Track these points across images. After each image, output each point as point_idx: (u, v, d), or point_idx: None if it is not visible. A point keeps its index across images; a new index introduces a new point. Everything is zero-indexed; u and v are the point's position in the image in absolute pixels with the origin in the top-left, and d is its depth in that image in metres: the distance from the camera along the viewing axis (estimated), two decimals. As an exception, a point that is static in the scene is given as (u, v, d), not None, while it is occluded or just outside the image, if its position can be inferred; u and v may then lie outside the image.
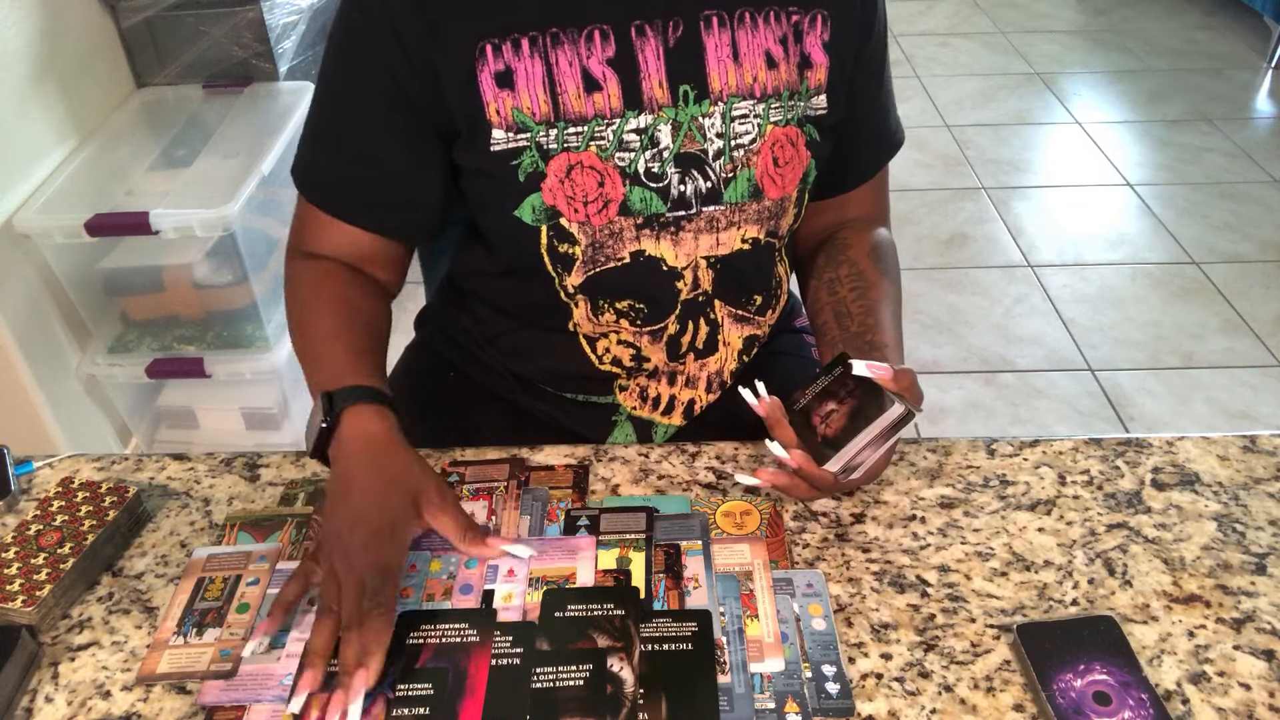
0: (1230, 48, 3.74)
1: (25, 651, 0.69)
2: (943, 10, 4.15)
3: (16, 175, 1.64)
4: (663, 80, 0.83)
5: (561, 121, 0.83)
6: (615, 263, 0.88)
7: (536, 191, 0.84)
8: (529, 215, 0.85)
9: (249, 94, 1.95)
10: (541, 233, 0.86)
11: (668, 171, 0.85)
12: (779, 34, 0.85)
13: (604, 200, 0.84)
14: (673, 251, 0.88)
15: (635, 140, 0.84)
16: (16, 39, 1.64)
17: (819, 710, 0.65)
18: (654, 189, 0.85)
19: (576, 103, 0.83)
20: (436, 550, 0.77)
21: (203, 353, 1.79)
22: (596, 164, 0.84)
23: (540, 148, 0.83)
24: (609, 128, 0.83)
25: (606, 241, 0.87)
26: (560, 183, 0.83)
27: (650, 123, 0.84)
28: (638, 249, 0.87)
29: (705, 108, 0.84)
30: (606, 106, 0.83)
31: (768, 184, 0.88)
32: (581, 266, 0.88)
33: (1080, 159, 3.08)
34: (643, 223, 0.86)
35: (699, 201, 0.87)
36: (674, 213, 0.86)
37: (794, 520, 0.79)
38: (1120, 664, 0.66)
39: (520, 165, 0.83)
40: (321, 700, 0.65)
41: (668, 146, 0.84)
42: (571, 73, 0.82)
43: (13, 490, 0.84)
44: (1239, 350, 2.27)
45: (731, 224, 0.88)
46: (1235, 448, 0.86)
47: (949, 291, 2.46)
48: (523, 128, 0.83)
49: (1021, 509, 0.80)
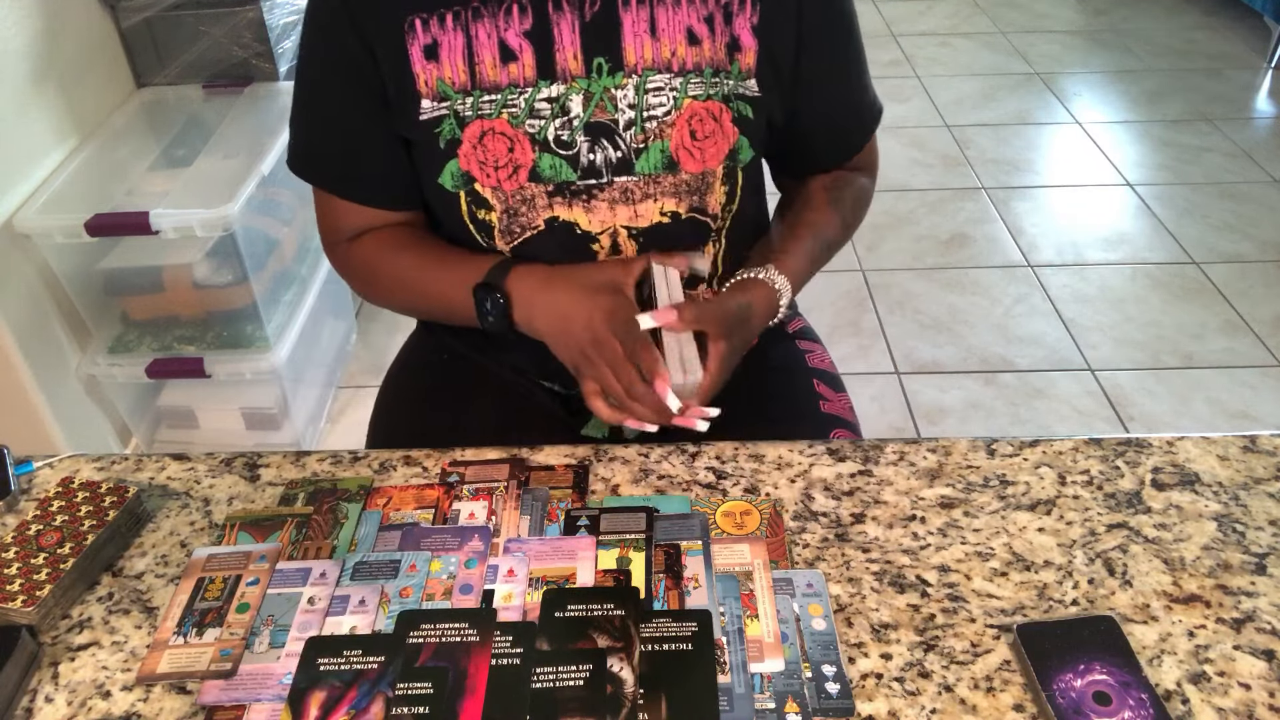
0: (1230, 48, 3.74)
1: (25, 651, 0.69)
2: (943, 10, 4.15)
3: (16, 175, 1.64)
4: (577, 53, 0.87)
5: (478, 90, 0.87)
6: (532, 230, 0.92)
7: (454, 158, 0.89)
8: (449, 181, 0.90)
9: (249, 94, 1.95)
10: (460, 199, 0.91)
11: (577, 140, 0.88)
12: (704, 14, 0.88)
13: (514, 165, 0.88)
14: (586, 218, 0.91)
15: (546, 109, 0.88)
16: (16, 39, 1.64)
17: (819, 710, 0.65)
18: (563, 156, 0.89)
19: (492, 72, 0.87)
20: (436, 550, 0.77)
21: (203, 353, 1.79)
22: (507, 130, 0.88)
23: (457, 115, 0.88)
24: (521, 96, 0.87)
25: (520, 209, 0.90)
26: (473, 148, 0.88)
27: (562, 92, 0.87)
28: (551, 215, 0.91)
29: (619, 79, 0.88)
30: (521, 76, 0.87)
31: (684, 156, 0.89)
32: (501, 235, 0.92)
33: (1080, 159, 3.08)
34: (554, 190, 0.90)
35: (609, 171, 0.90)
36: (584, 180, 0.90)
37: (794, 520, 0.79)
38: (1120, 664, 0.66)
39: (440, 133, 0.88)
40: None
41: (578, 115, 0.88)
42: (490, 44, 0.86)
43: (13, 490, 0.84)
44: (1239, 350, 2.27)
45: (647, 195, 0.91)
46: (1235, 448, 0.86)
47: (949, 291, 2.46)
48: (444, 97, 0.88)
49: (1021, 509, 0.80)
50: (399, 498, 0.82)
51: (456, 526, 0.79)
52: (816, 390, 1.06)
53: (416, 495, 0.82)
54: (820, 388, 1.06)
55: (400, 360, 1.14)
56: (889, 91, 3.46)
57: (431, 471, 0.85)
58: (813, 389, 1.06)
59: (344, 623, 0.71)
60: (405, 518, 0.80)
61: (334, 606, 0.72)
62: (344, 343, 2.29)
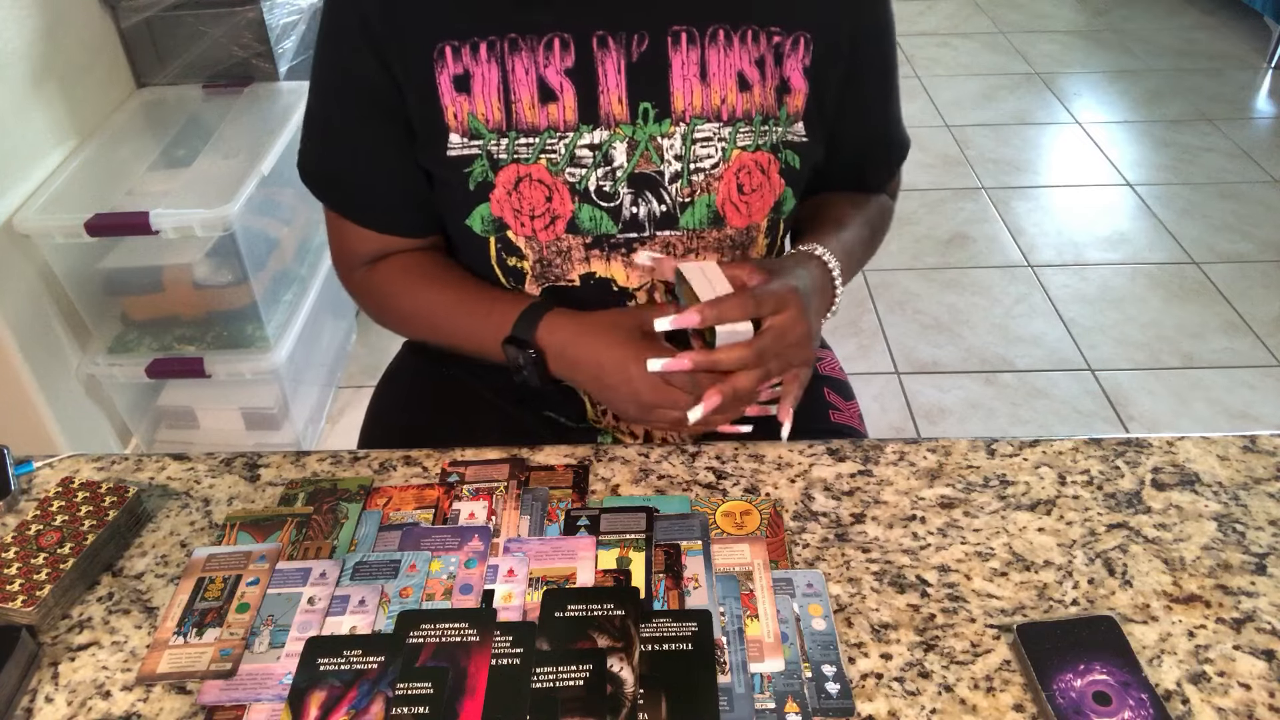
0: (1230, 48, 3.74)
1: (25, 651, 0.69)
2: (943, 10, 4.15)
3: (16, 175, 1.64)
4: (622, 96, 0.80)
5: (514, 131, 0.81)
6: (566, 283, 0.87)
7: (485, 202, 0.83)
8: (478, 225, 0.84)
9: (249, 94, 1.95)
10: (490, 244, 0.85)
11: (620, 191, 0.82)
12: (755, 55, 0.82)
13: (551, 215, 0.82)
14: (624, 273, 0.86)
15: (588, 156, 0.81)
16: (16, 39, 1.64)
17: (819, 710, 0.65)
18: (605, 208, 0.83)
19: (530, 113, 0.80)
20: (436, 550, 0.77)
21: (203, 353, 1.79)
22: (546, 178, 0.81)
23: (490, 157, 0.82)
24: (561, 141, 0.81)
25: (555, 260, 0.85)
26: (508, 194, 0.82)
27: (605, 139, 0.81)
28: (587, 271, 0.86)
29: (665, 127, 0.81)
30: (561, 119, 0.81)
31: (730, 211, 0.84)
32: (533, 281, 0.87)
33: (1080, 159, 3.08)
34: (591, 242, 0.84)
35: (652, 225, 0.84)
36: (625, 234, 0.84)
37: (794, 520, 0.79)
38: (1120, 664, 0.66)
39: (471, 173, 0.82)
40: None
41: (621, 165, 0.82)
42: (528, 81, 0.80)
43: (13, 490, 0.84)
44: (1239, 350, 2.27)
45: (689, 250, 0.85)
46: (1235, 448, 0.86)
47: (949, 291, 2.46)
48: (476, 134, 0.82)
49: (1021, 509, 0.80)
50: (399, 498, 0.82)
51: (456, 526, 0.79)
52: (827, 399, 1.04)
53: (416, 495, 0.82)
54: (831, 396, 1.05)
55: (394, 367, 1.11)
56: (889, 91, 3.47)
57: (431, 471, 0.85)
58: (823, 398, 1.04)
59: (344, 623, 0.71)
60: (405, 518, 0.80)
61: (334, 606, 0.72)
62: (344, 343, 2.29)
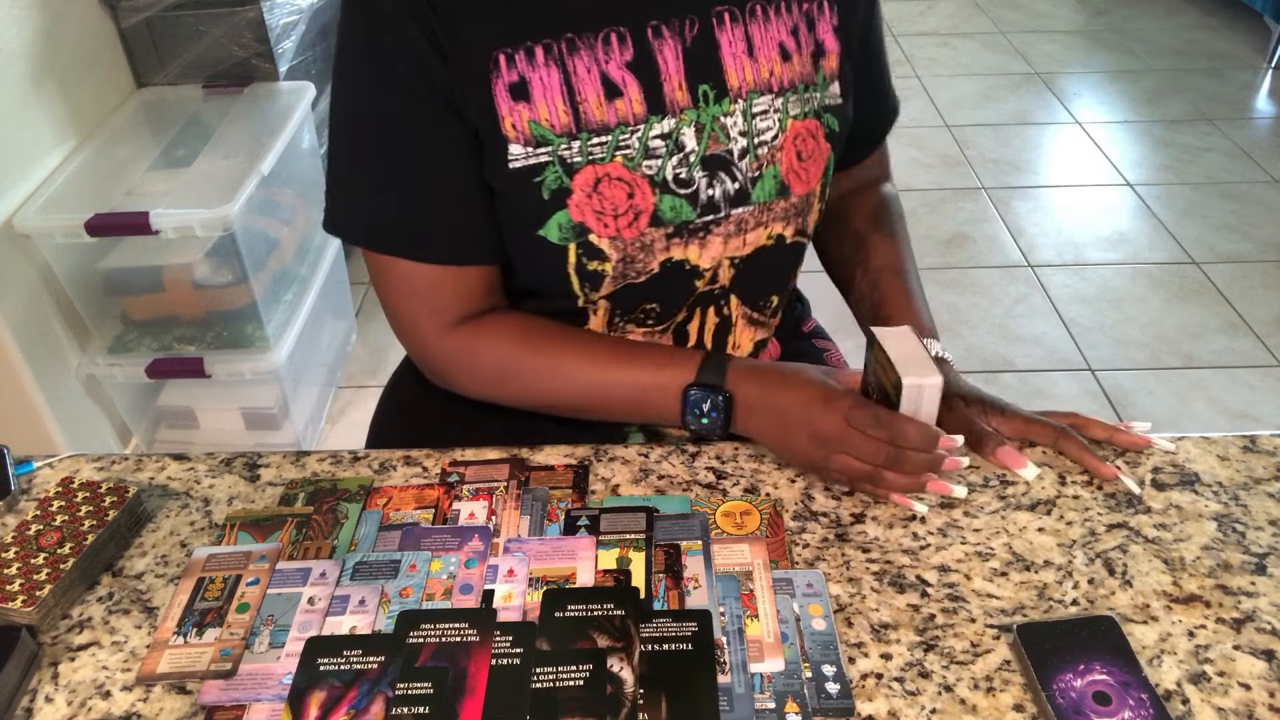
0: (1230, 48, 3.74)
1: (25, 651, 0.69)
2: (943, 10, 4.15)
3: (16, 175, 1.64)
4: (682, 82, 0.81)
5: (584, 132, 0.79)
6: (645, 275, 0.85)
7: (563, 209, 0.80)
8: (555, 234, 0.81)
9: (249, 94, 1.95)
10: (569, 251, 0.82)
11: (695, 176, 0.82)
12: (790, 24, 0.83)
13: (634, 212, 0.81)
14: (699, 254, 0.86)
15: (661, 146, 0.81)
16: (16, 39, 1.64)
17: (819, 710, 0.65)
18: (683, 195, 0.82)
19: (598, 111, 0.79)
20: (436, 550, 0.77)
21: (203, 353, 1.79)
22: (624, 174, 0.80)
23: (564, 162, 0.79)
24: (634, 135, 0.80)
25: (637, 255, 0.83)
26: (588, 197, 0.80)
27: (674, 127, 0.81)
28: (667, 258, 0.85)
29: (726, 106, 0.82)
30: (629, 113, 0.80)
31: (793, 180, 0.86)
32: (610, 282, 0.85)
33: (1080, 159, 3.08)
34: (673, 231, 0.83)
35: (727, 204, 0.84)
36: (703, 218, 0.84)
37: (794, 520, 0.79)
38: (1120, 664, 0.66)
39: (543, 182, 0.79)
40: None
41: (693, 150, 0.81)
42: (590, 79, 0.79)
43: (13, 490, 0.84)
44: (1239, 350, 2.27)
45: (760, 224, 0.86)
46: (1235, 448, 0.86)
47: (949, 291, 2.46)
48: (542, 141, 0.79)
49: (1021, 509, 0.80)
50: (399, 498, 0.82)
51: (456, 526, 0.79)
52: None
53: (416, 495, 0.82)
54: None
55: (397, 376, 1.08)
56: (889, 91, 3.47)
57: (431, 471, 0.85)
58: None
59: (344, 623, 0.71)
60: (405, 518, 0.80)
61: (334, 606, 0.72)
62: (344, 343, 2.29)
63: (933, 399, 0.78)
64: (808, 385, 0.80)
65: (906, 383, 0.76)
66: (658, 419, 0.87)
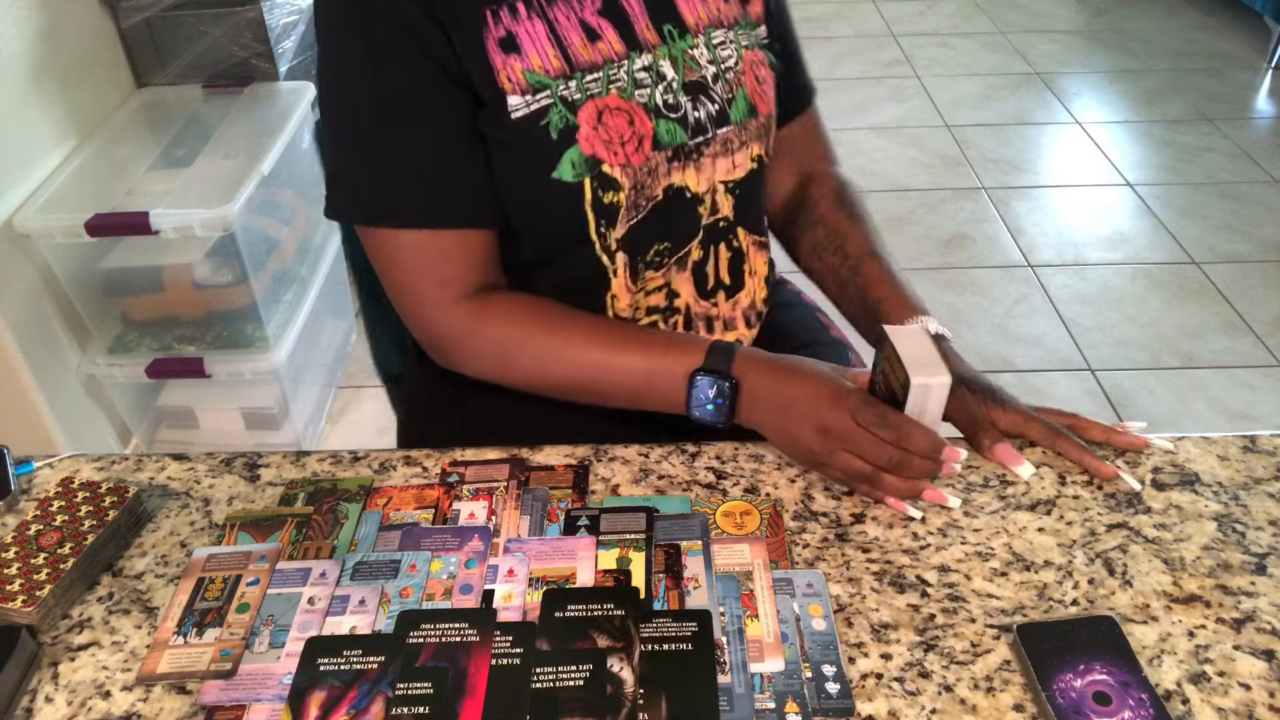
0: (1230, 48, 3.74)
1: (25, 651, 0.69)
2: (943, 10, 4.15)
3: (16, 175, 1.64)
4: (648, 24, 0.88)
5: (578, 71, 0.85)
6: (650, 203, 0.89)
7: (573, 145, 0.84)
8: (569, 172, 0.84)
9: (249, 94, 1.95)
10: (585, 186, 0.85)
11: (680, 101, 0.89)
12: None
13: (638, 138, 0.86)
14: (695, 178, 0.91)
15: (646, 77, 0.87)
16: (16, 39, 1.64)
17: (819, 710, 0.65)
18: (674, 119, 0.88)
19: (585, 52, 0.85)
20: (436, 550, 0.77)
21: (203, 353, 1.79)
22: (621, 104, 0.86)
23: (565, 101, 0.84)
24: (620, 69, 0.86)
25: (646, 181, 0.88)
26: (594, 129, 0.85)
27: (651, 61, 0.88)
28: (669, 183, 0.90)
29: (690, 41, 0.90)
30: (611, 51, 0.86)
31: (758, 101, 0.94)
32: (624, 215, 0.88)
33: (1080, 159, 3.08)
34: (672, 155, 0.89)
35: (712, 125, 0.90)
36: (694, 139, 0.89)
37: (794, 520, 0.79)
38: (1120, 664, 0.66)
39: (549, 124, 0.84)
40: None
41: (674, 78, 0.88)
42: (572, 25, 0.85)
43: (13, 490, 0.84)
44: (1239, 350, 2.27)
45: (742, 144, 0.93)
46: (1235, 448, 0.86)
47: (949, 291, 2.46)
48: (540, 87, 0.84)
49: (1021, 509, 0.80)
50: (399, 498, 0.82)
51: (456, 526, 0.79)
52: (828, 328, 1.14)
53: (416, 495, 0.82)
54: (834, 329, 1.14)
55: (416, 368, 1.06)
56: (889, 92, 3.47)
57: (431, 471, 0.85)
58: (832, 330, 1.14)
59: (344, 623, 0.71)
60: (405, 518, 0.80)
61: (334, 606, 0.72)
62: (344, 343, 2.29)
63: (940, 399, 0.78)
64: (817, 379, 0.81)
65: (915, 382, 0.76)
66: (661, 405, 0.86)
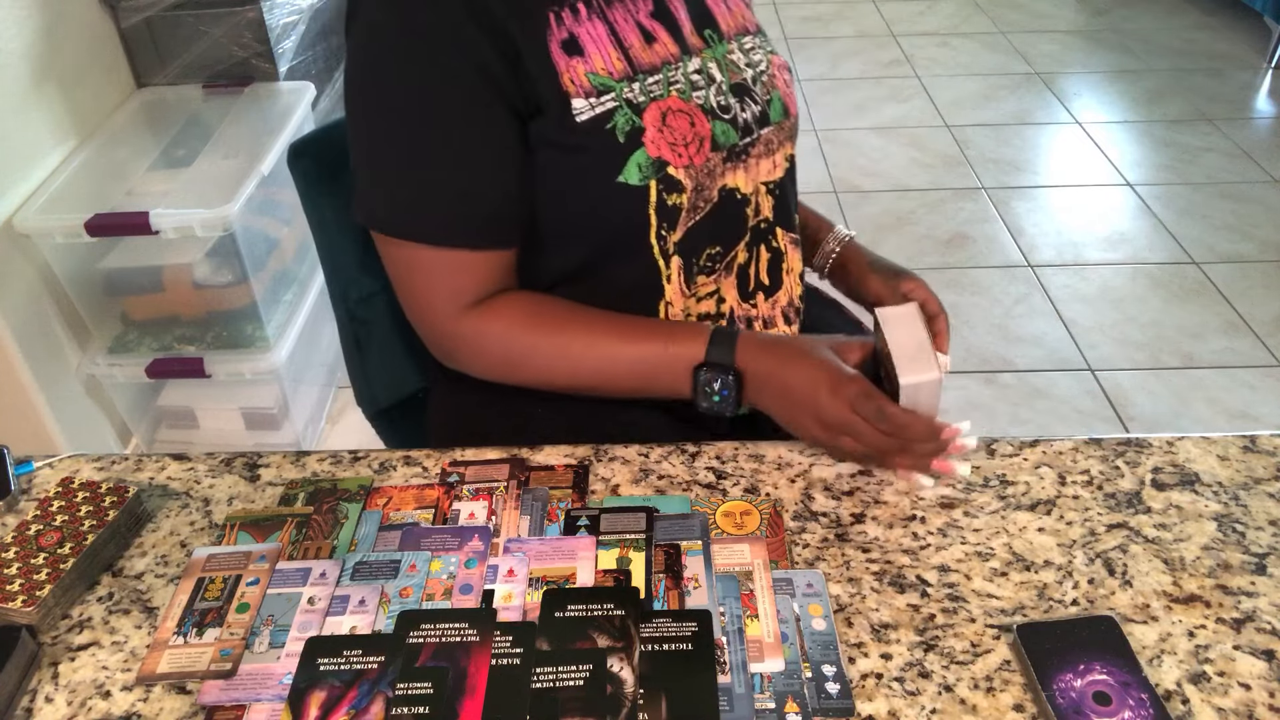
0: (1230, 48, 3.74)
1: (25, 651, 0.69)
2: (943, 10, 4.15)
3: (16, 175, 1.64)
4: (692, 29, 0.91)
5: (640, 73, 0.85)
6: (708, 204, 0.89)
7: (639, 148, 0.84)
8: (635, 175, 0.84)
9: (249, 94, 1.95)
10: (650, 189, 0.85)
11: (730, 102, 0.90)
12: None
13: (699, 139, 0.87)
14: (744, 179, 0.92)
15: (699, 79, 0.89)
16: (16, 39, 1.64)
17: (819, 710, 0.65)
18: (726, 120, 0.89)
19: (644, 54, 0.86)
20: (436, 550, 0.77)
21: (203, 353, 1.79)
22: (682, 105, 0.86)
23: (630, 103, 0.84)
24: (678, 71, 0.87)
25: (704, 182, 0.88)
26: (659, 131, 0.84)
27: (701, 64, 0.89)
28: (723, 184, 0.90)
29: (727, 46, 0.93)
30: (667, 53, 0.87)
31: (789, 102, 0.96)
32: (685, 217, 0.87)
33: (1080, 159, 3.08)
34: (726, 155, 0.89)
35: (756, 125, 0.92)
36: (743, 140, 0.90)
37: (794, 520, 0.79)
38: (1120, 664, 0.66)
39: (615, 126, 0.83)
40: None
41: (723, 80, 0.90)
42: (630, 27, 0.86)
43: (13, 490, 0.84)
44: (1239, 350, 2.27)
45: (781, 144, 0.95)
46: (1235, 448, 0.86)
47: (949, 291, 2.46)
48: (604, 89, 0.84)
49: (1021, 509, 0.80)
50: (399, 498, 0.82)
51: (456, 526, 0.79)
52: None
53: (416, 495, 0.82)
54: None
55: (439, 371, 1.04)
56: (889, 91, 3.47)
57: (431, 471, 0.85)
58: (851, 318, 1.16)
59: (344, 623, 0.71)
60: (405, 518, 0.80)
61: (334, 606, 0.72)
62: (344, 343, 2.29)
63: (931, 392, 0.80)
64: (815, 367, 0.82)
65: (904, 383, 0.77)
66: (668, 394, 0.88)
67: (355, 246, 1.10)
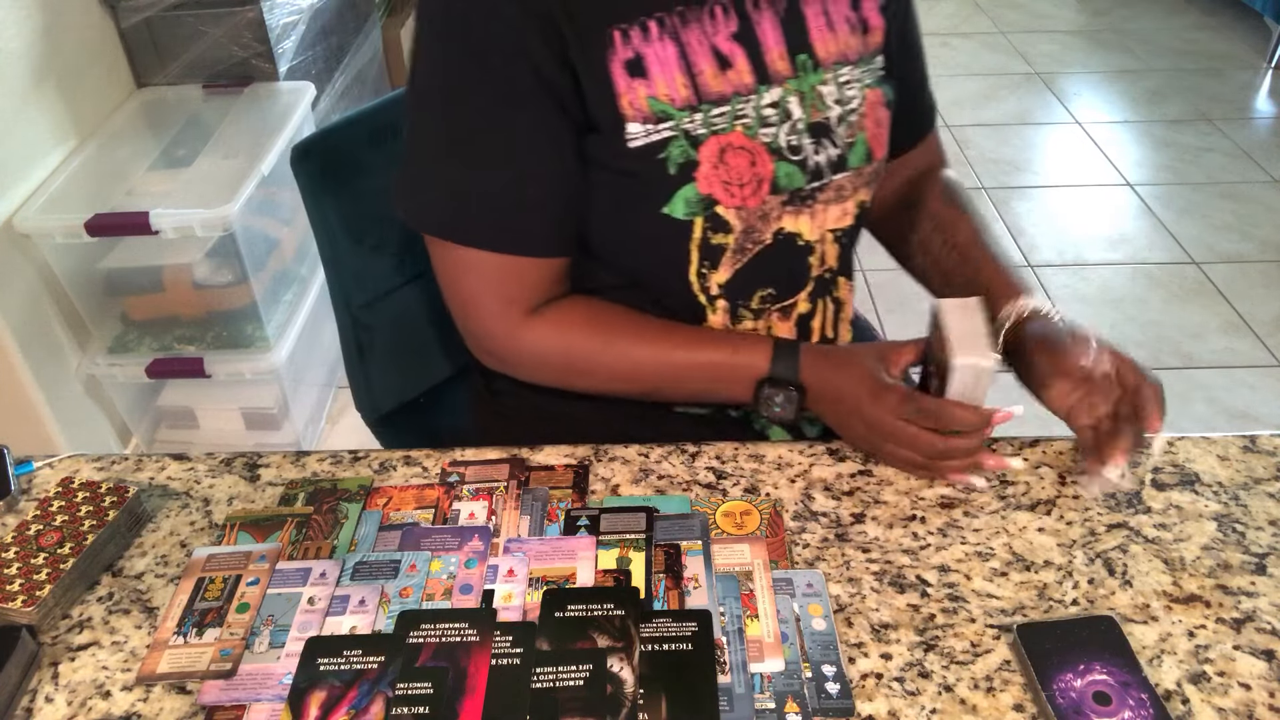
0: (1230, 48, 3.74)
1: (25, 651, 0.69)
2: (943, 10, 4.15)
3: (16, 175, 1.64)
4: (783, 53, 0.83)
5: (705, 104, 0.80)
6: (759, 246, 0.85)
7: (690, 183, 0.80)
8: (681, 209, 0.81)
9: (249, 94, 1.95)
10: (695, 226, 0.82)
11: (804, 143, 0.84)
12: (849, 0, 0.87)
13: (757, 179, 0.82)
14: (809, 225, 0.87)
15: (773, 114, 0.83)
16: (16, 39, 1.64)
17: (819, 710, 0.65)
18: (794, 162, 0.84)
19: (715, 82, 0.81)
20: (436, 550, 0.77)
21: (203, 353, 1.79)
22: (745, 143, 0.81)
23: (688, 135, 0.80)
24: (749, 104, 0.82)
25: (756, 224, 0.84)
26: (715, 168, 0.80)
27: (780, 96, 0.83)
28: (779, 227, 0.86)
29: (822, 75, 0.85)
30: (741, 83, 0.82)
31: (876, 146, 0.89)
32: (730, 258, 0.85)
33: (1080, 159, 3.08)
34: (787, 199, 0.85)
35: (830, 170, 0.86)
36: (811, 184, 0.86)
37: (794, 520, 0.79)
38: (1120, 664, 0.66)
39: (669, 157, 0.80)
40: None
41: (800, 118, 0.84)
42: (704, 51, 0.80)
43: (13, 490, 0.84)
44: (1239, 350, 2.27)
45: (855, 190, 0.89)
46: (1235, 448, 0.86)
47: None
48: (663, 117, 0.79)
49: (1021, 509, 0.80)
50: (399, 498, 0.82)
51: (456, 526, 0.79)
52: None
53: (416, 495, 0.82)
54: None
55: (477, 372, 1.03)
56: (889, 91, 3.47)
57: (431, 471, 0.85)
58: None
59: (344, 623, 0.71)
60: (405, 518, 0.80)
61: (334, 606, 0.72)
62: (344, 343, 2.29)
63: (985, 380, 0.78)
64: (860, 376, 0.82)
65: (957, 363, 0.76)
66: (728, 400, 0.89)
67: (360, 251, 1.10)
